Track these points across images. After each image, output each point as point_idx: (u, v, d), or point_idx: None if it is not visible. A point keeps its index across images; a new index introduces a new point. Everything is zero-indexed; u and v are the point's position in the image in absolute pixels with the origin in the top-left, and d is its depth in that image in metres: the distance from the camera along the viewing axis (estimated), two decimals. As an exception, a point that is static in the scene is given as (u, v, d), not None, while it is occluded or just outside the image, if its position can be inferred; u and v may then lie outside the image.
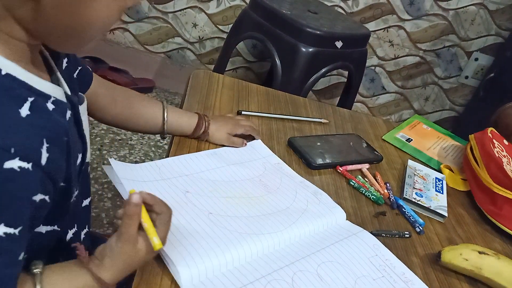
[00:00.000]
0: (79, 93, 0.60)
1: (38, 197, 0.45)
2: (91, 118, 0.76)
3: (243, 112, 0.95)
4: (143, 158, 1.75)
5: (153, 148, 1.82)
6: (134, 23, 2.16)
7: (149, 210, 0.52)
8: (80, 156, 0.55)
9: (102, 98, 0.73)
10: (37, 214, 0.46)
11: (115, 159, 1.63)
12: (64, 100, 0.51)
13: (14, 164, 0.41)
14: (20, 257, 0.45)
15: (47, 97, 0.47)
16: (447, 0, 2.10)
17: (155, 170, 0.71)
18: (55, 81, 0.53)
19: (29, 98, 0.44)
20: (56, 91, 0.49)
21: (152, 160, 1.72)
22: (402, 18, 2.14)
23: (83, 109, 0.59)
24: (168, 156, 0.76)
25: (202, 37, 2.20)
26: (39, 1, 0.43)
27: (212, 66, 2.20)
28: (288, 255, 0.63)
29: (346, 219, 0.74)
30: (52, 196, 0.48)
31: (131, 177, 0.66)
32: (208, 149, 0.80)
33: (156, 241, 0.50)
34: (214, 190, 0.70)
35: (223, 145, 0.83)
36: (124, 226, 0.50)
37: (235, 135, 0.84)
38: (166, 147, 1.85)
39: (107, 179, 1.51)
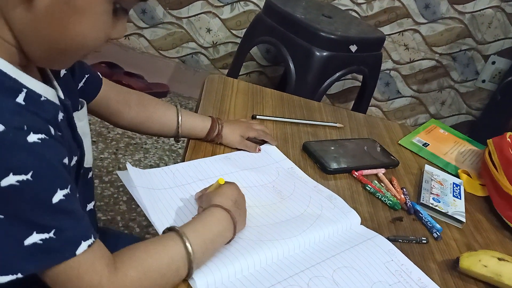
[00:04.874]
0: (80, 99, 0.61)
1: (65, 160, 0.48)
2: (106, 123, 0.77)
3: (257, 117, 0.95)
4: (158, 162, 1.76)
5: (167, 152, 1.83)
6: (148, 29, 2.18)
7: None
8: (75, 158, 0.56)
9: (114, 102, 0.74)
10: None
11: (130, 163, 1.65)
12: (57, 102, 0.52)
13: (34, 137, 0.44)
14: (80, 208, 0.49)
15: (37, 95, 0.48)
16: (463, 3, 2.08)
17: (169, 176, 0.71)
18: (48, 85, 0.53)
19: (23, 89, 0.46)
20: (48, 92, 0.50)
21: (166, 164, 1.72)
22: (417, 22, 2.13)
23: (81, 114, 0.60)
24: (183, 160, 0.76)
25: (216, 42, 2.21)
26: (32, 5, 0.44)
27: (225, 71, 2.21)
28: (303, 261, 0.62)
29: (362, 224, 0.73)
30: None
31: (146, 185, 0.67)
32: (222, 154, 0.80)
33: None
34: None
35: (237, 149, 0.83)
36: None
37: (249, 139, 0.84)
38: (180, 151, 1.86)
39: (122, 182, 1.52)
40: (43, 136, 0.45)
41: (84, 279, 0.46)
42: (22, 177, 0.42)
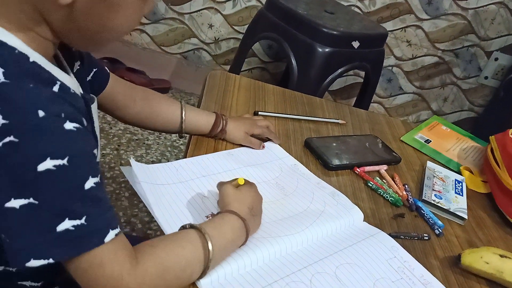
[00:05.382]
0: (90, 94, 0.62)
1: (95, 151, 0.50)
2: (109, 118, 0.77)
3: (259, 113, 0.95)
4: (160, 158, 1.76)
5: (169, 148, 1.83)
6: (150, 25, 2.17)
7: None
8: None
9: (120, 97, 0.75)
10: None
11: (132, 159, 1.65)
12: (79, 94, 0.53)
13: (70, 125, 0.46)
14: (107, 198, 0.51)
15: (67, 87, 0.50)
16: (466, -1, 2.07)
17: (172, 172, 0.71)
18: None
19: (57, 82, 0.48)
20: (74, 85, 0.52)
21: (168, 160, 1.72)
22: (420, 18, 2.12)
23: (93, 108, 0.61)
24: (185, 156, 0.76)
25: (218, 38, 2.20)
26: (73, 9, 0.46)
27: (227, 67, 2.20)
28: (306, 257, 0.62)
29: (364, 221, 0.74)
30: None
31: (150, 180, 0.67)
32: (225, 150, 0.80)
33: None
34: None
35: (240, 145, 0.83)
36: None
37: (253, 136, 0.84)
38: (182, 147, 1.86)
39: (124, 178, 1.53)
40: (77, 125, 0.46)
41: (106, 268, 0.47)
42: (59, 162, 0.44)
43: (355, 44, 1.64)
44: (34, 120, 0.43)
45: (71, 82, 0.51)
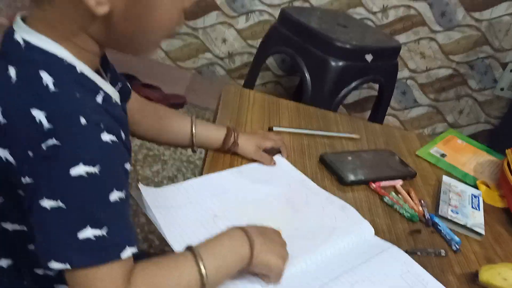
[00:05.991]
0: None
1: (127, 166, 0.52)
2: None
3: (274, 128, 0.96)
4: (176, 173, 1.78)
5: (185, 164, 1.84)
6: (165, 40, 2.21)
7: None
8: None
9: (135, 112, 0.76)
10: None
11: (148, 174, 1.67)
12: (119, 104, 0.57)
13: (106, 136, 0.48)
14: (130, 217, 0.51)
15: (109, 97, 0.53)
16: (480, 10, 2.06)
17: (182, 193, 0.71)
18: None
19: (100, 92, 0.51)
20: (115, 95, 0.55)
21: (184, 175, 1.70)
22: (433, 30, 2.12)
23: None
24: (202, 172, 0.77)
25: (232, 53, 2.23)
26: (110, 17, 0.49)
27: (241, 81, 2.22)
28: (321, 276, 0.62)
29: (377, 235, 0.73)
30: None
31: (160, 203, 0.67)
32: (241, 166, 0.81)
33: None
34: (241, 213, 0.70)
35: (253, 160, 0.83)
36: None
37: (265, 151, 0.85)
38: (198, 162, 1.87)
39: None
40: (114, 138, 0.49)
41: (98, 285, 0.47)
42: (90, 169, 0.46)
43: (369, 57, 1.65)
44: (77, 126, 0.46)
45: (112, 91, 0.54)
